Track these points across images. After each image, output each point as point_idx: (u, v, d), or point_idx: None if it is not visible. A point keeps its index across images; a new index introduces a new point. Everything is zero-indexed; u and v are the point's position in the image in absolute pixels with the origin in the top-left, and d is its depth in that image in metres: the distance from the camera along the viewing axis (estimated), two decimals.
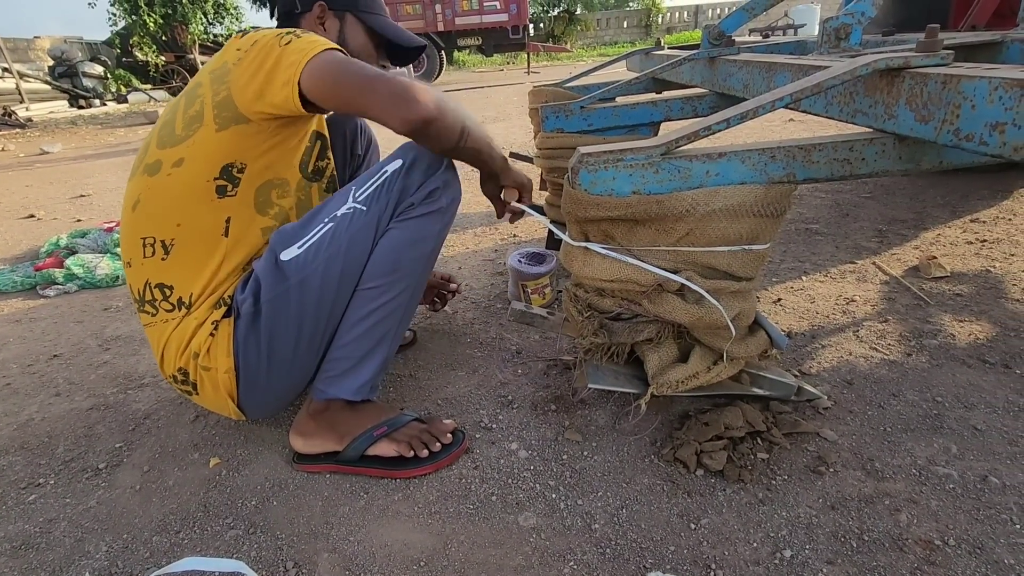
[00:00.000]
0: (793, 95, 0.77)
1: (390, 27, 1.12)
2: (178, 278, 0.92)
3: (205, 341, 0.91)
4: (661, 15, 20.02)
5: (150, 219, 0.91)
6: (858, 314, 1.36)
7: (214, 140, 0.89)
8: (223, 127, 0.88)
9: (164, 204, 0.91)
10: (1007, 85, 0.61)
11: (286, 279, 0.89)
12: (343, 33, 1.07)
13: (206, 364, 0.92)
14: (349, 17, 1.07)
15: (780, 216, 0.86)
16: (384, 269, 0.93)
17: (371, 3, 1.10)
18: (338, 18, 1.06)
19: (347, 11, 1.07)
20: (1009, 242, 1.68)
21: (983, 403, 1.02)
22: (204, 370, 0.92)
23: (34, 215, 3.07)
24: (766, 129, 3.75)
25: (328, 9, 1.05)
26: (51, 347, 1.56)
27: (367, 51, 1.11)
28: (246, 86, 0.87)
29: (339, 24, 1.07)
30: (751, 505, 0.85)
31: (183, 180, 0.90)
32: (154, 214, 0.91)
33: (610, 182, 0.81)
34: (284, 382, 0.97)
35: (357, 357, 0.96)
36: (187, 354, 0.92)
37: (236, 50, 0.90)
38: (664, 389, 0.93)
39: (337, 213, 0.92)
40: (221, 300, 0.93)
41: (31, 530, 0.92)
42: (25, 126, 8.17)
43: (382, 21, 1.11)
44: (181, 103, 0.93)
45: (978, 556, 0.74)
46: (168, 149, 0.91)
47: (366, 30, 1.09)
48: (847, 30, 1.17)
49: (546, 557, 0.80)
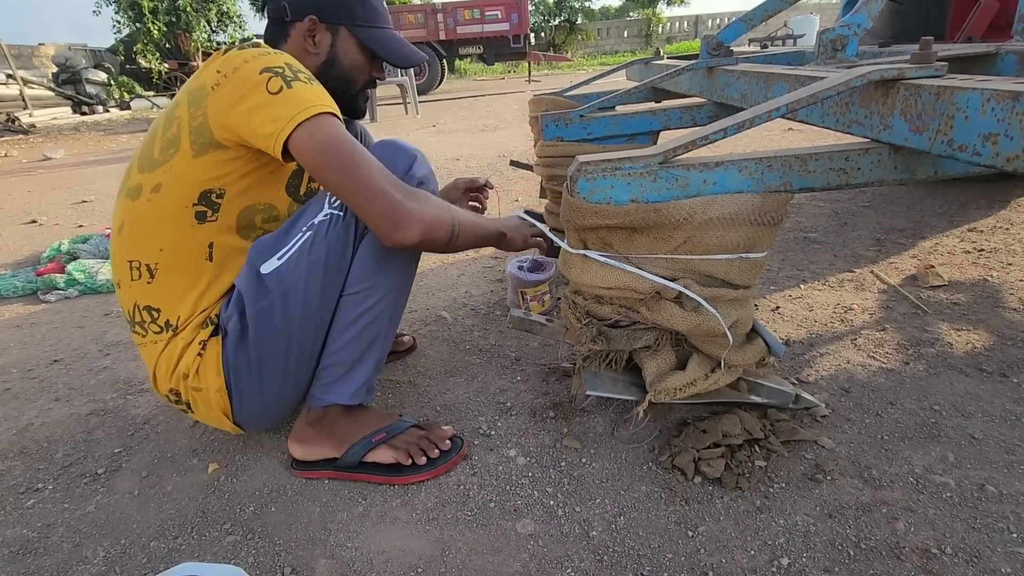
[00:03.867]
0: (789, 105, 0.78)
1: (388, 43, 1.05)
2: (164, 301, 0.91)
3: (193, 362, 0.91)
4: (661, 25, 20.16)
5: (134, 243, 0.90)
6: (856, 322, 1.36)
7: (191, 166, 0.86)
8: (199, 153, 0.85)
9: (146, 229, 0.89)
10: (999, 97, 0.62)
11: (269, 292, 0.88)
12: (334, 48, 1.01)
13: (196, 385, 0.91)
14: (343, 31, 1.01)
15: (777, 225, 0.86)
16: (367, 272, 0.92)
17: (369, 14, 1.03)
18: (330, 31, 1.00)
19: (341, 24, 1.00)
20: (1006, 251, 1.69)
21: (980, 412, 1.02)
22: (195, 391, 0.92)
23: (36, 220, 3.08)
24: (765, 138, 3.77)
25: (321, 22, 0.98)
26: (51, 352, 1.57)
27: (359, 66, 1.05)
28: (224, 117, 0.83)
29: (331, 38, 1.00)
30: (748, 513, 0.85)
31: (162, 206, 0.88)
32: (137, 238, 0.90)
33: (608, 190, 0.82)
34: (279, 395, 0.96)
35: (350, 362, 0.96)
36: (176, 375, 0.92)
37: (216, 72, 0.84)
38: (662, 396, 0.93)
39: (314, 221, 0.90)
40: (208, 320, 0.92)
41: (29, 535, 0.92)
42: (28, 132, 8.21)
43: (380, 36, 1.04)
44: (160, 123, 0.90)
45: (975, 565, 0.74)
46: (147, 174, 0.89)
47: (360, 45, 1.03)
48: (843, 41, 1.18)
49: (544, 564, 0.80)
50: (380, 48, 1.03)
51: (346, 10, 0.99)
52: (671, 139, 0.85)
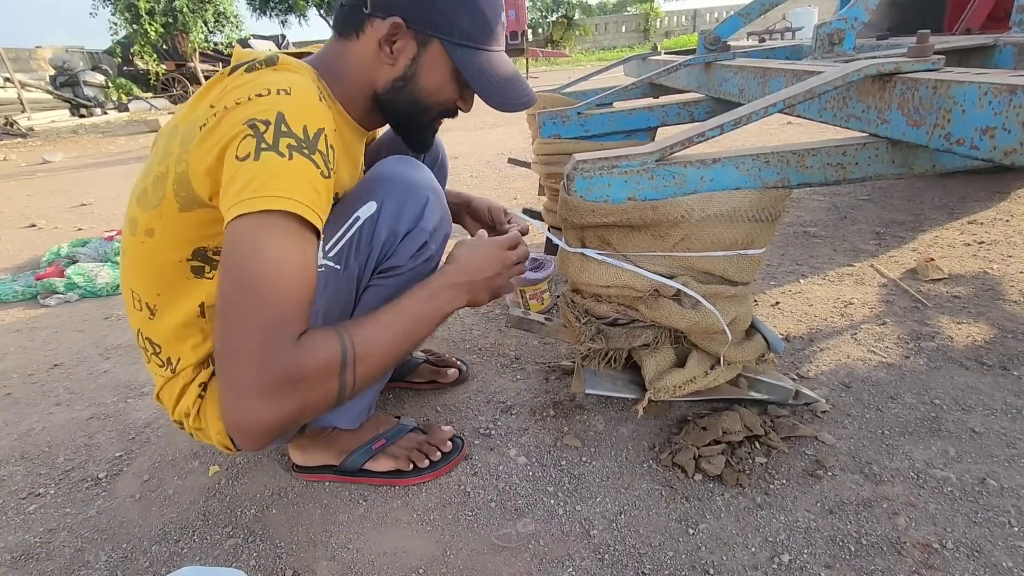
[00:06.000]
0: (786, 101, 0.78)
1: (490, 77, 0.80)
2: (163, 340, 0.83)
3: (194, 404, 0.84)
4: (659, 19, 20.10)
5: (134, 276, 0.82)
6: (856, 317, 1.36)
7: (179, 220, 0.73)
8: (185, 208, 0.72)
9: (143, 269, 0.80)
10: (996, 90, 0.62)
11: None
12: (416, 63, 0.78)
13: (197, 426, 0.86)
14: (435, 46, 0.77)
15: (775, 221, 0.86)
16: None
17: (476, 31, 0.77)
18: (417, 42, 0.77)
19: (434, 37, 0.77)
20: (1007, 243, 1.69)
21: (981, 405, 1.02)
22: (197, 430, 0.87)
23: (35, 224, 3.08)
24: (764, 132, 3.76)
25: (407, 27, 0.75)
26: (52, 356, 1.57)
27: (442, 94, 0.82)
28: (202, 175, 0.68)
29: (415, 51, 0.78)
30: (749, 510, 0.85)
31: (156, 253, 0.77)
32: (137, 274, 0.81)
33: (605, 188, 0.81)
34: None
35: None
36: (179, 412, 0.87)
37: (210, 106, 0.69)
38: (662, 394, 0.93)
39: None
40: (209, 359, 0.84)
41: (31, 540, 0.93)
42: (26, 135, 8.21)
43: (482, 64, 0.79)
44: (160, 146, 0.77)
45: (976, 559, 0.74)
46: (142, 210, 0.77)
47: (452, 70, 0.80)
48: (840, 35, 1.18)
49: (545, 563, 0.80)
50: (478, 82, 0.80)
51: (445, 19, 0.75)
52: (669, 136, 0.85)
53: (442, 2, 0.74)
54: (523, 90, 0.83)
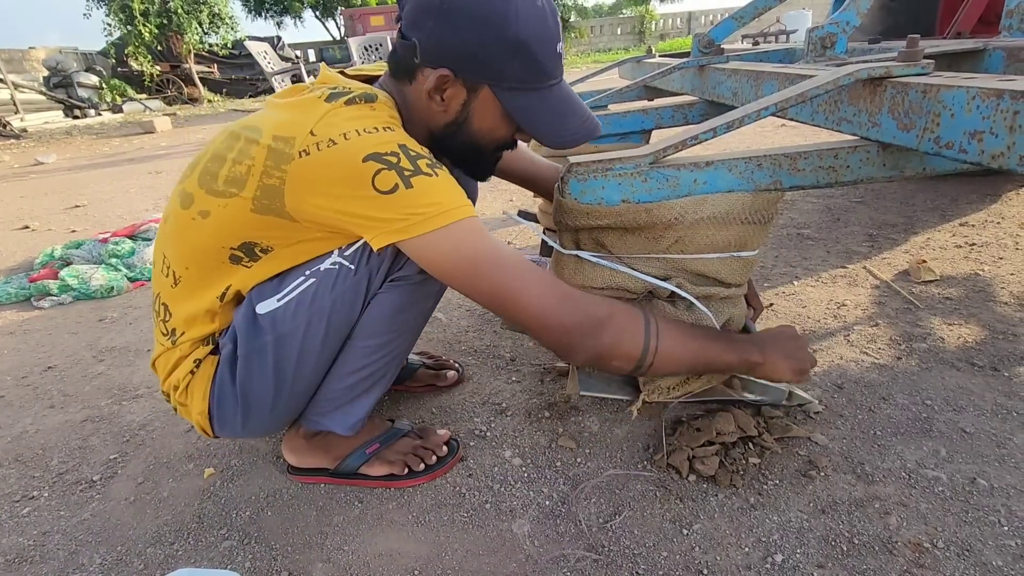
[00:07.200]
0: (779, 104, 0.79)
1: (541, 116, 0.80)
2: (177, 309, 0.86)
3: (184, 378, 0.87)
4: (654, 22, 20.17)
5: (171, 244, 0.85)
6: (849, 318, 1.37)
7: (246, 217, 0.76)
8: (261, 211, 0.75)
9: (183, 242, 0.83)
10: (984, 95, 0.63)
11: (262, 333, 0.82)
12: (467, 108, 0.80)
13: (182, 400, 0.89)
14: (484, 92, 0.78)
15: (768, 223, 0.87)
16: (383, 327, 0.86)
17: (526, 73, 0.76)
18: (467, 88, 0.78)
19: (484, 84, 0.77)
20: (997, 245, 1.70)
21: (972, 406, 1.03)
22: (181, 405, 0.90)
23: (28, 226, 3.07)
24: (759, 134, 3.78)
25: (456, 77, 0.76)
26: (45, 359, 1.56)
27: (499, 132, 0.83)
28: (307, 207, 0.73)
29: (465, 97, 0.79)
30: (743, 510, 0.86)
31: (202, 232, 0.80)
32: (174, 243, 0.85)
33: (599, 191, 0.82)
34: (262, 427, 0.93)
35: (350, 398, 0.92)
36: (168, 383, 0.89)
37: (310, 134, 0.70)
38: (655, 395, 0.93)
39: (320, 268, 0.80)
40: (209, 337, 0.87)
41: (25, 543, 0.92)
42: (20, 137, 8.16)
43: (533, 105, 0.79)
44: (237, 146, 0.77)
45: (966, 558, 0.75)
46: (204, 194, 0.79)
47: (503, 113, 0.80)
48: (832, 39, 1.19)
49: (540, 564, 0.81)
50: (528, 124, 0.81)
51: (492, 69, 0.76)
52: (662, 139, 0.85)
53: (486, 53, 0.74)
54: (577, 126, 0.82)
